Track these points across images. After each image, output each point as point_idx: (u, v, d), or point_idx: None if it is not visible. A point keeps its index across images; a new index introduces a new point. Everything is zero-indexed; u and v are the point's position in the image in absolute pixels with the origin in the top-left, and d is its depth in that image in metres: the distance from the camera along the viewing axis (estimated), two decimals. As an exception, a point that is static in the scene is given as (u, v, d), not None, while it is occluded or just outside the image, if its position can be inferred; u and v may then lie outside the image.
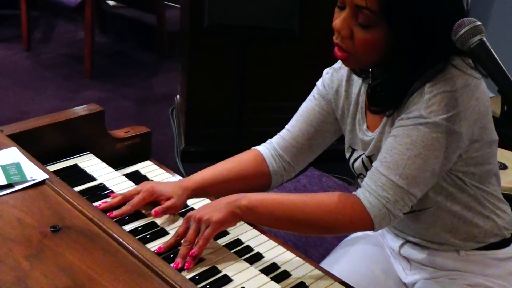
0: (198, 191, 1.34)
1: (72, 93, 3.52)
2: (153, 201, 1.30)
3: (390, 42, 1.13)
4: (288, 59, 2.84)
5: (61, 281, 0.97)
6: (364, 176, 1.30)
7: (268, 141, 1.43)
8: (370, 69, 1.25)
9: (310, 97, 1.40)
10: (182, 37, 3.17)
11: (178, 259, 1.14)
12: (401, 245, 1.37)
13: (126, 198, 1.30)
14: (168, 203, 1.28)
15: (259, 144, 1.45)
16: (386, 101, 1.21)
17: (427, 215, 1.27)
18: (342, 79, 1.34)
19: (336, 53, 1.18)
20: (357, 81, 1.32)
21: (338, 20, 1.15)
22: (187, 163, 2.88)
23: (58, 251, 1.04)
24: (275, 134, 1.45)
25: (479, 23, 1.05)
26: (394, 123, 1.20)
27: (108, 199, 1.32)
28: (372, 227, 1.16)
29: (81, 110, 1.52)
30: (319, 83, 1.39)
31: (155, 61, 4.02)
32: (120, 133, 1.59)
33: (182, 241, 1.16)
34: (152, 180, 1.47)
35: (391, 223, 1.17)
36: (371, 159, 1.28)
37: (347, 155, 1.38)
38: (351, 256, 1.43)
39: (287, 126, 1.41)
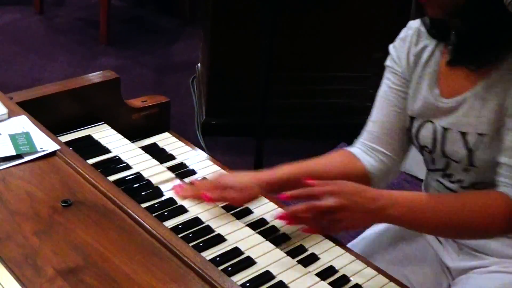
0: (277, 187, 1.27)
1: (86, 60, 3.53)
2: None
3: None
4: (318, 26, 2.80)
5: (72, 259, 0.97)
6: (428, 149, 1.28)
7: (354, 142, 1.39)
8: (448, 26, 1.21)
9: (383, 80, 1.37)
10: (204, 0, 3.14)
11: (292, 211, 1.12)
12: None
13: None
14: (231, 195, 1.24)
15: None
16: (475, 53, 1.16)
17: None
18: (410, 46, 1.31)
19: None
20: (426, 42, 1.28)
21: None
22: (208, 136, 2.87)
23: (69, 227, 1.04)
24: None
25: None
26: (487, 93, 1.16)
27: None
28: None
29: (95, 77, 1.52)
30: (388, 62, 1.36)
31: (175, 27, 4.00)
32: (136, 102, 1.59)
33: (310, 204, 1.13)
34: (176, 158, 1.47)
35: None
36: (446, 131, 1.24)
37: (406, 125, 1.33)
38: (383, 238, 1.42)
39: (369, 119, 1.37)
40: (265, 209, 1.30)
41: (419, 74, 1.29)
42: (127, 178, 1.32)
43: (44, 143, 1.25)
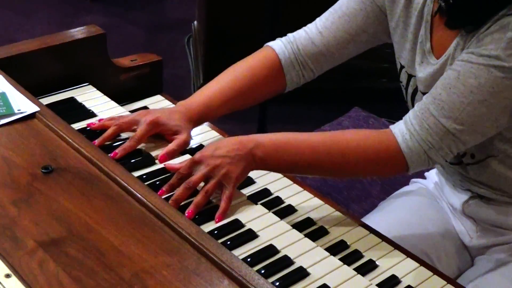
0: (204, 119, 1.37)
1: (70, 17, 3.52)
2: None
3: None
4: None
5: (54, 230, 0.98)
6: None
7: (291, 38, 1.41)
8: None
9: None
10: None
11: (192, 207, 1.14)
12: (465, 202, 1.36)
13: (121, 129, 1.31)
14: (176, 142, 1.29)
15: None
16: (469, 14, 1.16)
17: (496, 163, 1.26)
18: None
19: None
20: None
21: None
22: (206, 102, 2.87)
23: (50, 195, 1.05)
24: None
25: None
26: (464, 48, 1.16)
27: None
28: (405, 172, 1.19)
29: (78, 32, 1.52)
30: None
31: (169, -20, 3.99)
32: (125, 61, 1.59)
33: (203, 190, 1.16)
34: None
35: (427, 167, 1.19)
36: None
37: (403, 82, 1.36)
38: (401, 212, 1.43)
39: (318, 26, 1.39)
40: (268, 178, 1.30)
41: (415, 24, 1.27)
42: (114, 144, 1.32)
43: (22, 104, 1.26)
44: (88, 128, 1.34)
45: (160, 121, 1.31)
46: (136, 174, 1.22)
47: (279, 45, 1.40)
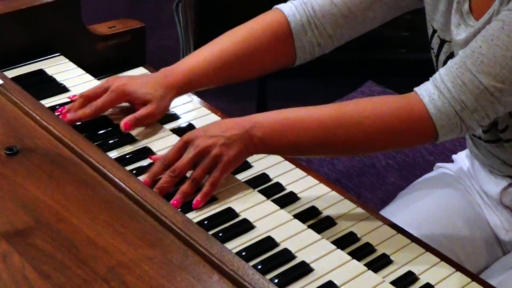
0: (189, 86, 1.35)
1: (39, -20, 3.52)
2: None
3: None
4: None
5: (19, 219, 0.99)
6: None
7: None
8: None
9: None
10: None
11: (179, 196, 1.14)
12: (504, 189, 1.36)
13: (89, 99, 1.31)
14: (143, 111, 1.29)
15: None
16: None
17: None
18: None
19: None
20: None
21: None
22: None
23: (15, 180, 1.06)
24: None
25: None
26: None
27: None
28: (434, 141, 1.18)
29: (48, -5, 1.52)
30: None
31: None
32: (102, 28, 1.59)
33: (190, 178, 1.17)
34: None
35: (460, 135, 1.18)
36: None
37: (434, 49, 1.34)
38: (424, 203, 1.43)
39: None
40: (267, 162, 1.31)
41: None
42: (89, 122, 1.33)
43: (-17, 76, 1.26)
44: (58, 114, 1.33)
45: (127, 89, 1.31)
46: (114, 154, 1.24)
47: (289, 6, 1.38)
